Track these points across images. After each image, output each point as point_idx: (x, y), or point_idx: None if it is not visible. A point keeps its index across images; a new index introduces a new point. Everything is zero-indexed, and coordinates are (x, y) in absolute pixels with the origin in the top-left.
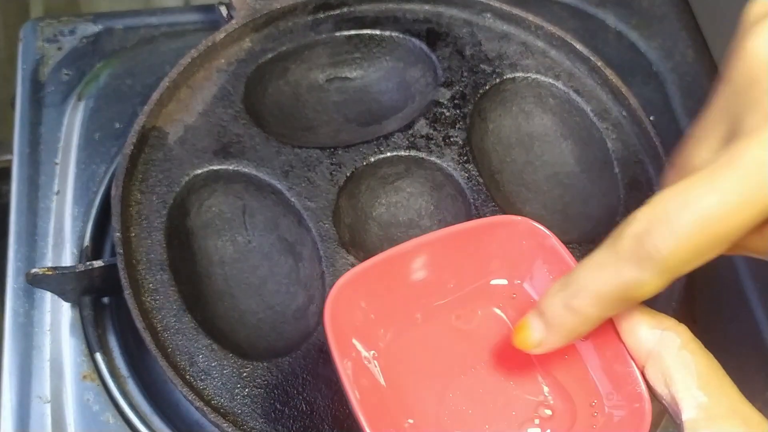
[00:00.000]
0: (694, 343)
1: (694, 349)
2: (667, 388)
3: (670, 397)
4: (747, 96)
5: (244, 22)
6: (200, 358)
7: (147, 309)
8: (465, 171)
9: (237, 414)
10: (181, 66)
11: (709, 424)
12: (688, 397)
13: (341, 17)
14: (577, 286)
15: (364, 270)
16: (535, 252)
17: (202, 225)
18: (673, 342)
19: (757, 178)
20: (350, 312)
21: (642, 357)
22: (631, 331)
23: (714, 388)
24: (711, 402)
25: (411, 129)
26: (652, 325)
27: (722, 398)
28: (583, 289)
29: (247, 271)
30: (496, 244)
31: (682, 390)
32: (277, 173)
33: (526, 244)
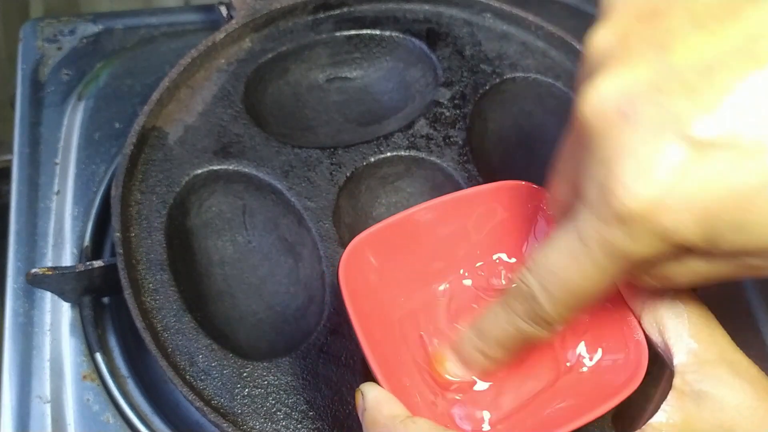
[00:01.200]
0: (687, 294)
1: (687, 299)
2: (660, 336)
3: (664, 344)
4: (583, 152)
5: (244, 22)
6: (200, 358)
7: (147, 309)
8: (465, 171)
9: (237, 414)
10: (181, 66)
11: (698, 368)
12: (679, 344)
13: (341, 17)
14: (484, 335)
15: (376, 231)
16: (537, 212)
17: (202, 225)
18: (667, 292)
19: (602, 251)
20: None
21: (638, 307)
22: (628, 283)
23: (705, 336)
24: (701, 348)
25: (411, 129)
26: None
27: (712, 345)
28: (489, 338)
29: (247, 271)
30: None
31: (674, 337)
32: (277, 173)
33: (531, 206)
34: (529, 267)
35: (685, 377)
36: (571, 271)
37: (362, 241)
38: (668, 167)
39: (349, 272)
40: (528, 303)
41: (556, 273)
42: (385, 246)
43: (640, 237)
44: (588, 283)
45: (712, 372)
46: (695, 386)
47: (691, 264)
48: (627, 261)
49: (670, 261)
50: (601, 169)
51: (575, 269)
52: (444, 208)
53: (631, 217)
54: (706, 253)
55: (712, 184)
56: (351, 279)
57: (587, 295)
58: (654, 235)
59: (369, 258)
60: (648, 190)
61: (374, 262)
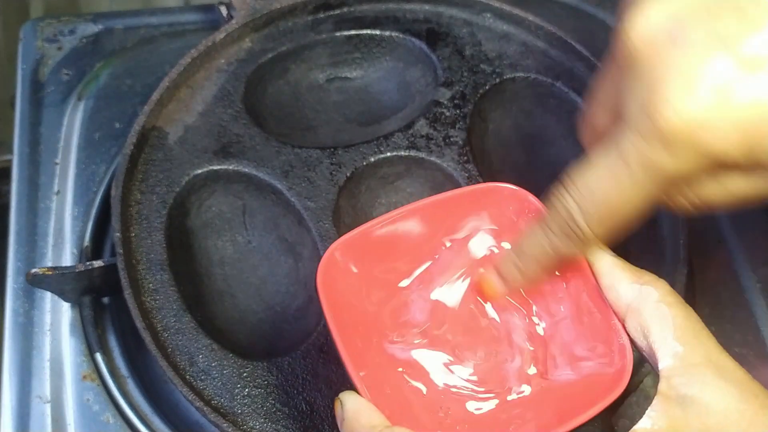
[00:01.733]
0: (672, 297)
1: (672, 302)
2: (645, 339)
3: (649, 347)
4: (627, 77)
5: (244, 22)
6: (200, 358)
7: (147, 309)
8: (465, 171)
9: (237, 414)
10: (181, 66)
11: (684, 372)
12: (664, 347)
13: (341, 17)
14: (522, 252)
15: (355, 235)
16: (520, 214)
17: (202, 225)
18: (652, 295)
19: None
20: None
21: (622, 311)
22: (612, 286)
23: (690, 339)
24: (686, 351)
25: (411, 129)
26: (631, 280)
27: (698, 348)
28: (528, 255)
29: (247, 271)
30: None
31: (659, 341)
32: (277, 173)
33: (513, 208)
34: (567, 187)
35: (670, 381)
36: (610, 189)
37: (338, 247)
38: (715, 85)
39: (328, 280)
40: (565, 220)
41: (594, 191)
42: (363, 251)
43: (684, 154)
44: (625, 201)
45: (698, 375)
46: (681, 390)
47: (728, 182)
48: (666, 178)
49: (708, 179)
50: (647, 90)
51: (614, 187)
52: (424, 211)
53: (675, 133)
54: (745, 170)
55: (756, 102)
56: (330, 287)
57: (623, 214)
58: (696, 150)
59: (348, 265)
60: (694, 107)
61: (354, 269)
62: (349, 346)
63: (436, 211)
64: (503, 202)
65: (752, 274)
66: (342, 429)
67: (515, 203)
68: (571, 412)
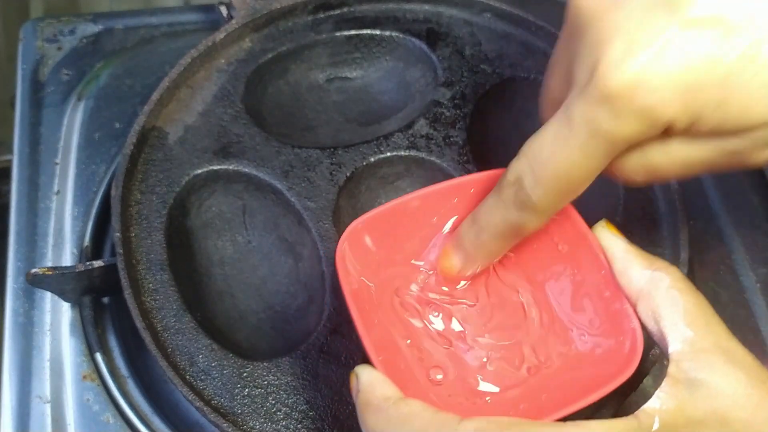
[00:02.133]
0: (683, 282)
1: (683, 288)
2: (656, 324)
3: (659, 332)
4: (576, 42)
5: (244, 22)
6: (200, 358)
7: (147, 309)
8: (465, 171)
9: (237, 414)
10: (181, 66)
11: (693, 356)
12: (674, 332)
13: (341, 17)
14: (480, 225)
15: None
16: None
17: (202, 225)
18: (663, 281)
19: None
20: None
21: (634, 296)
22: (624, 271)
23: (700, 325)
24: (696, 337)
25: (411, 129)
26: (643, 266)
27: (708, 334)
28: (485, 227)
29: (247, 271)
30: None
31: (670, 326)
32: (277, 173)
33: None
34: (518, 155)
35: (680, 365)
36: (558, 155)
37: (360, 224)
38: (655, 45)
39: (347, 255)
40: (515, 189)
41: (543, 158)
42: (382, 230)
43: (625, 115)
44: (573, 167)
45: (707, 360)
46: (690, 374)
47: (674, 149)
48: (611, 143)
49: (654, 145)
50: (591, 52)
51: (561, 153)
52: (438, 194)
53: (616, 94)
54: (689, 134)
55: (697, 61)
56: (348, 262)
57: (572, 182)
58: (638, 113)
59: (366, 242)
60: (633, 68)
61: (371, 246)
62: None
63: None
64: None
65: (752, 274)
66: (357, 400)
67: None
68: (581, 393)
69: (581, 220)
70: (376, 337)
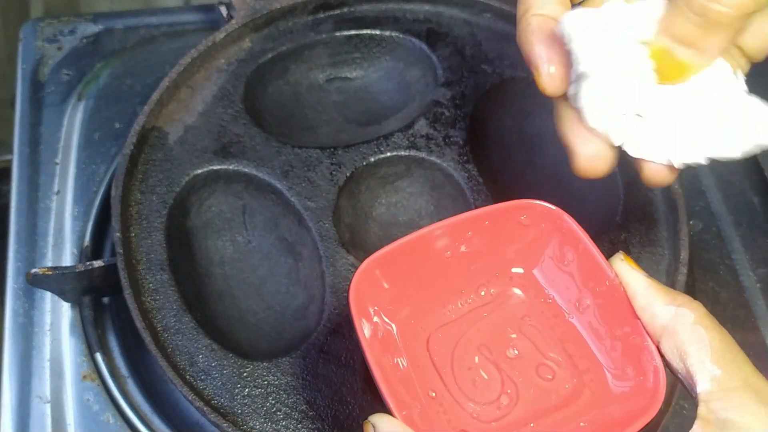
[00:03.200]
0: (708, 319)
1: (708, 325)
2: (682, 362)
3: (685, 370)
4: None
5: (244, 22)
6: (200, 358)
7: (147, 309)
8: (465, 171)
9: (237, 414)
10: (181, 66)
11: (723, 395)
12: (702, 371)
13: (341, 17)
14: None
15: (387, 252)
16: (552, 233)
17: (202, 225)
18: (688, 318)
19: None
20: (373, 291)
21: (657, 332)
22: (647, 307)
23: (728, 362)
24: (725, 375)
25: (411, 129)
26: (666, 301)
27: (736, 372)
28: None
29: (247, 271)
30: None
31: (697, 363)
32: (277, 173)
33: (545, 226)
34: None
35: (709, 405)
36: None
37: (372, 262)
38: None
39: (360, 297)
40: None
41: None
42: (396, 268)
43: None
44: None
45: (737, 399)
46: (720, 414)
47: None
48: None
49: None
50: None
51: None
52: (452, 228)
53: None
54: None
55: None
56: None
57: None
58: None
59: (380, 281)
60: None
61: (386, 285)
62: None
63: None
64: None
65: (752, 274)
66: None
67: (548, 222)
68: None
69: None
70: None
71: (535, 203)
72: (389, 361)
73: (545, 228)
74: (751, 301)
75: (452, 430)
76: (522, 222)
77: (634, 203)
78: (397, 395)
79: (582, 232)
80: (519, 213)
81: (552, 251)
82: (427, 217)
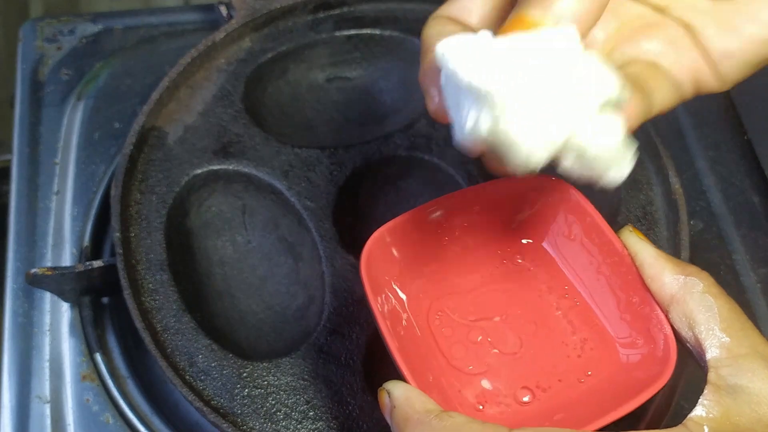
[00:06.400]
0: (716, 288)
1: (716, 294)
2: (690, 331)
3: (694, 338)
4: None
5: (244, 22)
6: (200, 358)
7: (147, 309)
8: (465, 171)
9: (237, 414)
10: (181, 66)
11: (732, 362)
12: (711, 338)
13: (341, 17)
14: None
15: (397, 222)
16: (559, 205)
17: (202, 225)
18: (696, 287)
19: None
20: (384, 261)
21: (666, 301)
22: (656, 277)
23: (736, 330)
24: (733, 342)
25: (411, 129)
26: (675, 271)
27: (744, 339)
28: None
29: (247, 271)
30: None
31: (706, 331)
32: (277, 173)
33: (552, 199)
34: None
35: (719, 372)
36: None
37: (384, 231)
38: None
39: (371, 265)
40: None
41: None
42: (407, 237)
43: None
44: None
45: (746, 366)
46: (730, 380)
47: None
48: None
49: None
50: None
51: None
52: (464, 198)
53: None
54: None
55: None
56: (372, 271)
57: None
58: None
59: (391, 250)
60: None
61: (396, 254)
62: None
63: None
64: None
65: (752, 274)
66: (392, 417)
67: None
68: (615, 402)
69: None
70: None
71: (542, 176)
72: (399, 332)
73: (552, 200)
74: (752, 301)
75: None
76: (530, 194)
77: (634, 203)
78: (410, 364)
79: (589, 205)
80: (526, 185)
81: (559, 224)
82: None
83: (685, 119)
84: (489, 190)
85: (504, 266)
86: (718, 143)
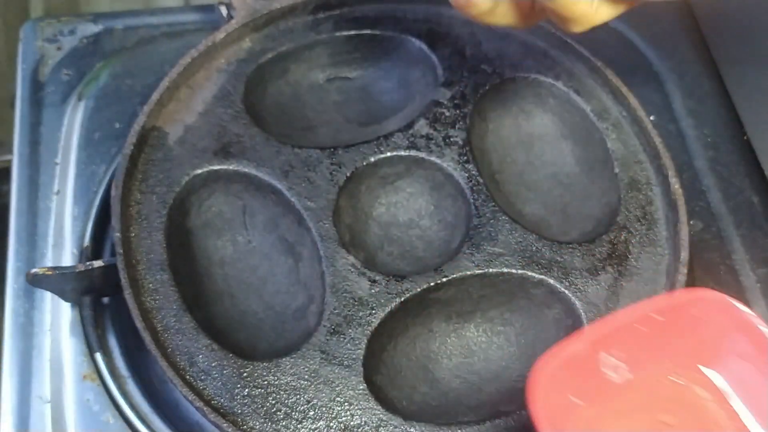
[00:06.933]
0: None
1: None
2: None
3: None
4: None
5: (244, 22)
6: (200, 358)
7: (147, 309)
8: (465, 171)
9: (237, 414)
10: (181, 66)
11: None
12: None
13: (341, 17)
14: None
15: (562, 360)
16: (728, 329)
17: (202, 225)
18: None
19: None
20: (554, 399)
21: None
22: None
23: None
24: None
25: (411, 129)
26: None
27: None
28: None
29: (247, 271)
30: (687, 325)
31: None
32: (277, 173)
33: (718, 317)
34: None
35: None
36: None
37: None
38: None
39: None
40: None
41: None
42: (573, 372)
43: None
44: None
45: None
46: None
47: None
48: None
49: None
50: None
51: None
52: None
53: None
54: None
55: None
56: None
57: None
58: None
59: (568, 396)
60: None
61: (578, 401)
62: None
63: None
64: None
65: (752, 274)
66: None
67: (719, 312)
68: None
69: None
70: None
71: (704, 293)
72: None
73: (719, 319)
74: (752, 302)
75: None
76: (694, 315)
77: (634, 203)
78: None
79: (757, 320)
80: (689, 306)
81: (729, 345)
82: (426, 217)
83: (685, 119)
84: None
85: (676, 400)
86: (717, 143)
